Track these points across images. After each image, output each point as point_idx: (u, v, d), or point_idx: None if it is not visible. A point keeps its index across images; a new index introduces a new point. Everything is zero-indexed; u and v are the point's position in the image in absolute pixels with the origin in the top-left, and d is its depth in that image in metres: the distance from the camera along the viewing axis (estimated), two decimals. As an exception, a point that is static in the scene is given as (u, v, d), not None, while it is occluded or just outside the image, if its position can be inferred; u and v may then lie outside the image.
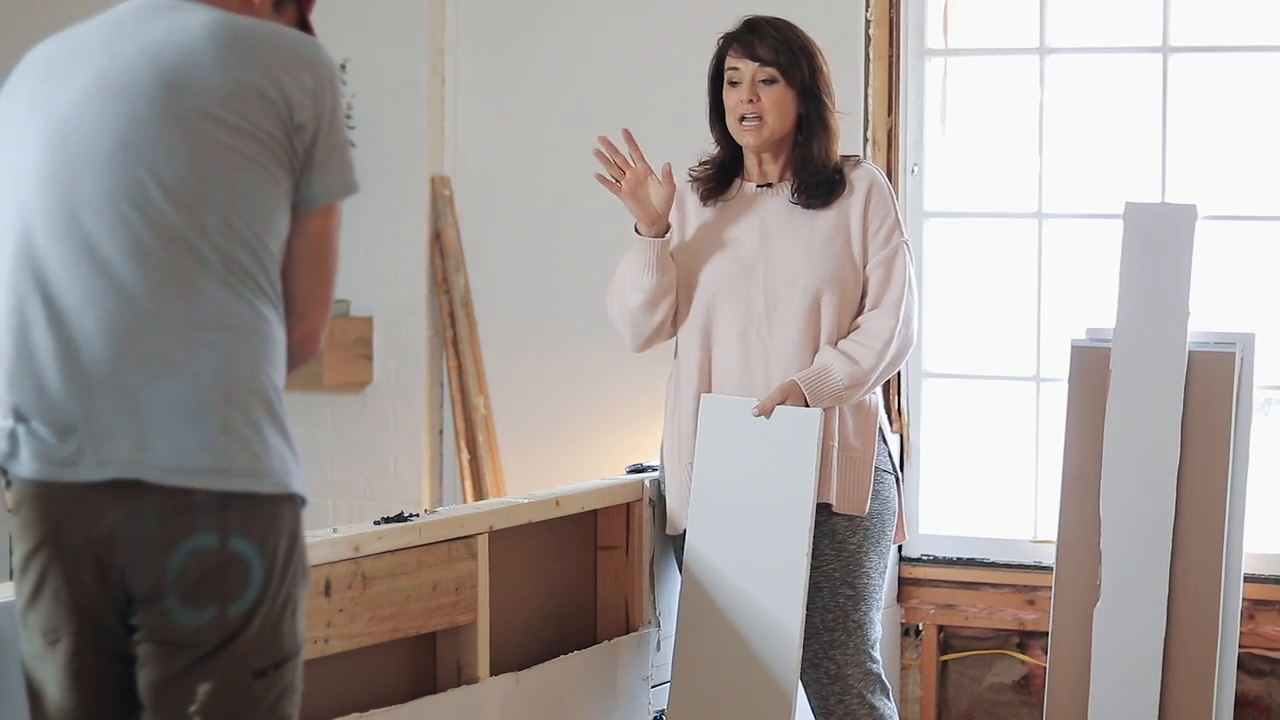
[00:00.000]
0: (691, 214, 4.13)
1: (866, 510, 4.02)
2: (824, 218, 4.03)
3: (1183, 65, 5.09)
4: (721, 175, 4.12)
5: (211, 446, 2.52)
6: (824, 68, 4.05)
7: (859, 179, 4.05)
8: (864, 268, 4.03)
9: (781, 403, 3.95)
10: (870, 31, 5.24)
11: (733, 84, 4.02)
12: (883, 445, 4.09)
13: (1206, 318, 4.79)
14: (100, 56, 2.62)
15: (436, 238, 5.81)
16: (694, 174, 4.15)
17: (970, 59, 5.36)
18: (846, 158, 4.09)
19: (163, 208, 2.55)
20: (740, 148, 4.09)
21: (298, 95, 2.60)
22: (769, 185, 4.07)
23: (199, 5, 2.66)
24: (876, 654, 4.04)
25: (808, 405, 3.95)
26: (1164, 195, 5.06)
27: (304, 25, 2.81)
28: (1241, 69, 5.12)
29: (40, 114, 2.62)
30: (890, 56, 5.23)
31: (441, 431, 5.85)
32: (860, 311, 4.04)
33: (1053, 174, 5.21)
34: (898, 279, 4.03)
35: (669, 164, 4.04)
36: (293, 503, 2.60)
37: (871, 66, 5.23)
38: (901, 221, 4.09)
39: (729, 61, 4.04)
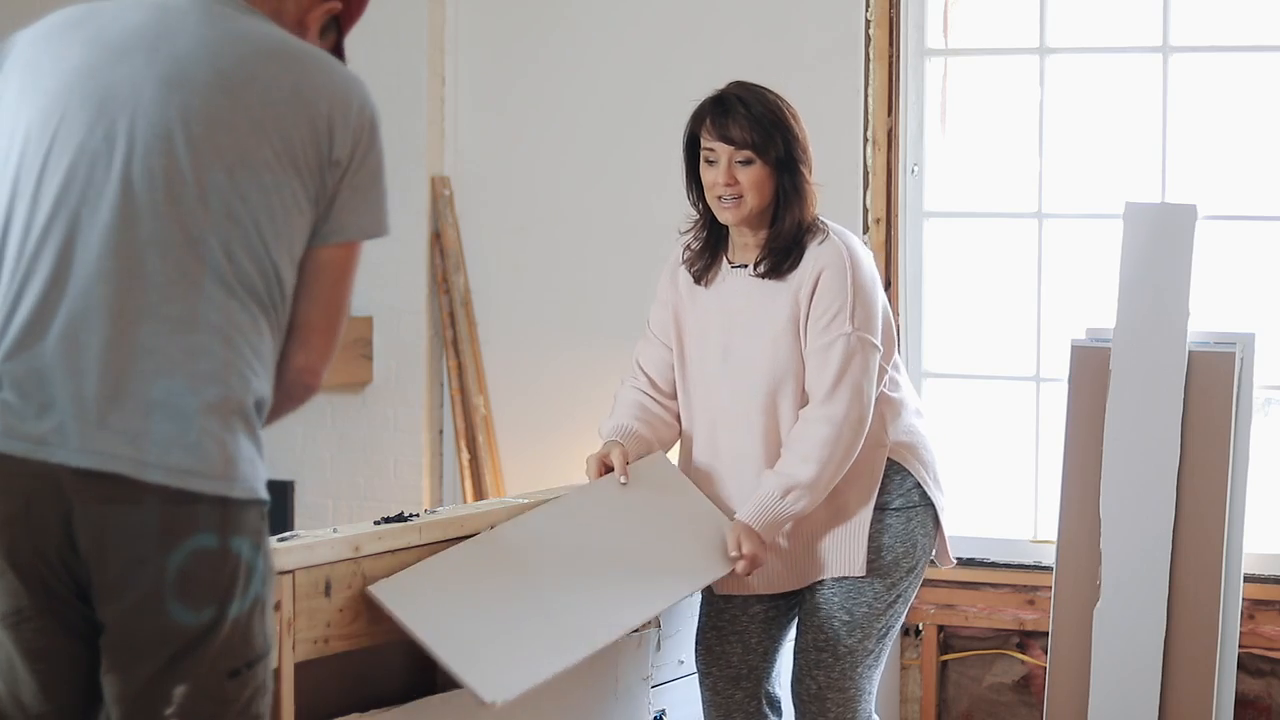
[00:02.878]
0: (684, 295, 4.05)
1: (864, 570, 3.94)
2: (781, 307, 3.90)
3: (1183, 65, 5.09)
4: (710, 252, 4.02)
5: (192, 448, 2.53)
6: (799, 134, 3.90)
7: (813, 260, 3.89)
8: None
9: (739, 550, 3.84)
10: (870, 31, 5.24)
11: (709, 163, 3.89)
12: (904, 479, 3.99)
13: (1206, 318, 4.79)
14: (156, 41, 2.61)
15: (436, 238, 5.81)
16: (687, 253, 4.05)
17: (970, 59, 5.36)
18: (816, 226, 3.93)
19: (193, 207, 2.55)
20: None
21: (341, 131, 2.61)
22: (744, 266, 3.97)
23: (256, 16, 2.66)
24: (865, 684, 3.99)
25: (763, 543, 3.85)
26: (1164, 195, 5.06)
27: (338, 49, 2.82)
28: (1241, 69, 5.12)
29: (88, 81, 2.59)
30: (890, 56, 5.23)
31: (441, 431, 5.85)
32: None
33: (1053, 174, 5.22)
34: (828, 374, 3.85)
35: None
36: (259, 507, 2.62)
37: (871, 66, 5.23)
38: (855, 310, 3.87)
39: (704, 140, 3.90)
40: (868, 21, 5.24)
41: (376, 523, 3.65)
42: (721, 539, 3.90)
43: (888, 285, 5.20)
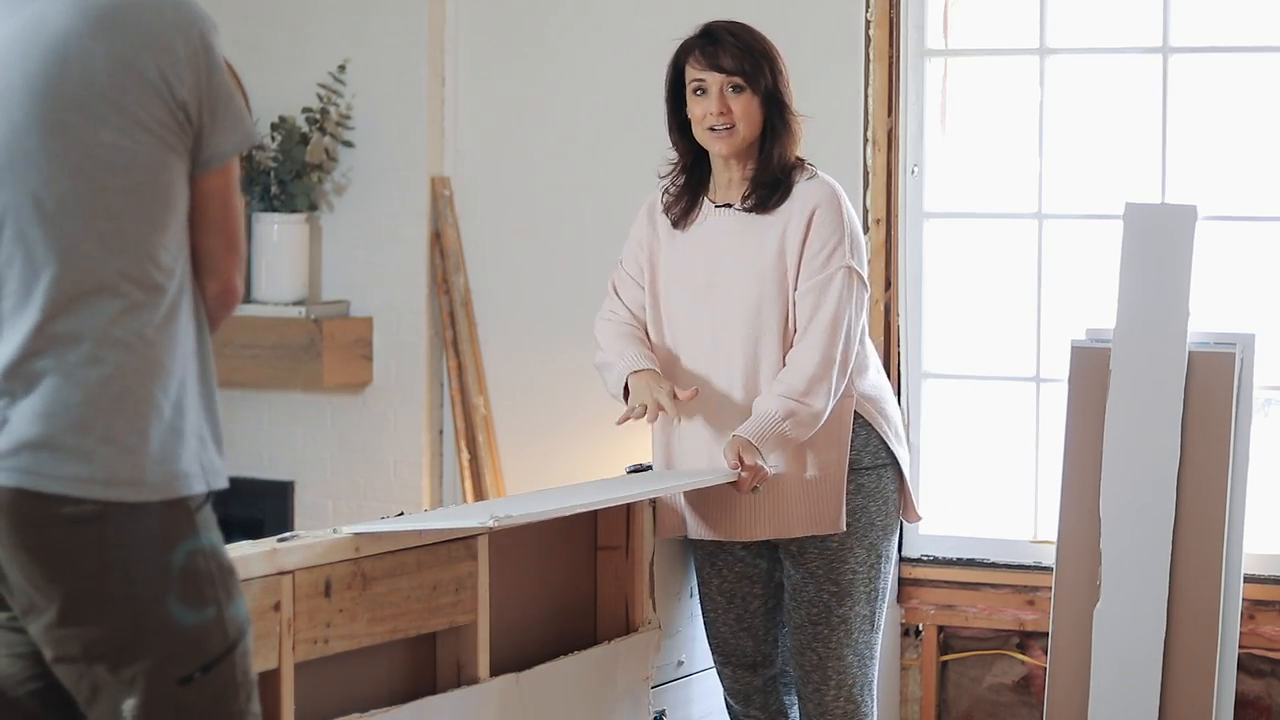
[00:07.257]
0: (663, 237, 4.09)
1: (844, 527, 3.98)
2: (769, 243, 3.95)
3: (1183, 65, 5.09)
4: (690, 195, 4.06)
5: (91, 456, 2.47)
6: (784, 70, 4.00)
7: (805, 195, 3.96)
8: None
9: (739, 463, 3.84)
10: (870, 31, 5.23)
11: (699, 94, 3.96)
12: (869, 436, 4.02)
13: (1206, 318, 4.79)
14: None
15: (436, 238, 5.81)
16: (666, 197, 4.09)
17: (970, 59, 5.35)
18: (801, 163, 4.01)
19: (58, 223, 2.49)
20: (703, 156, 4.04)
21: (173, 68, 2.52)
22: (728, 206, 4.02)
23: None
24: (865, 650, 4.04)
25: (761, 456, 3.85)
26: (1164, 195, 5.06)
27: None
28: (1241, 69, 5.12)
29: None
30: (890, 56, 5.23)
31: (441, 431, 5.84)
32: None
33: (1053, 174, 5.21)
34: (828, 306, 3.90)
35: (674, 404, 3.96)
36: (179, 506, 2.54)
37: (871, 66, 5.23)
38: (852, 246, 3.95)
39: (692, 73, 3.98)
40: (868, 22, 5.24)
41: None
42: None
43: (887, 285, 5.21)
